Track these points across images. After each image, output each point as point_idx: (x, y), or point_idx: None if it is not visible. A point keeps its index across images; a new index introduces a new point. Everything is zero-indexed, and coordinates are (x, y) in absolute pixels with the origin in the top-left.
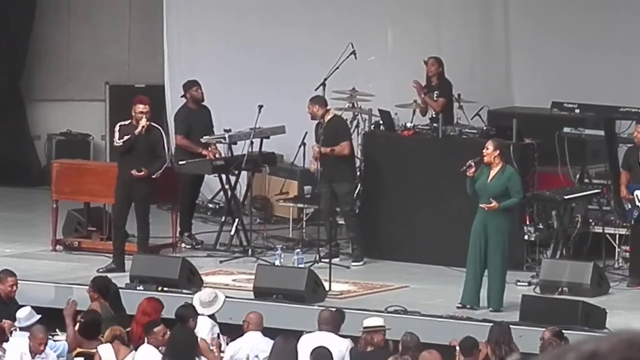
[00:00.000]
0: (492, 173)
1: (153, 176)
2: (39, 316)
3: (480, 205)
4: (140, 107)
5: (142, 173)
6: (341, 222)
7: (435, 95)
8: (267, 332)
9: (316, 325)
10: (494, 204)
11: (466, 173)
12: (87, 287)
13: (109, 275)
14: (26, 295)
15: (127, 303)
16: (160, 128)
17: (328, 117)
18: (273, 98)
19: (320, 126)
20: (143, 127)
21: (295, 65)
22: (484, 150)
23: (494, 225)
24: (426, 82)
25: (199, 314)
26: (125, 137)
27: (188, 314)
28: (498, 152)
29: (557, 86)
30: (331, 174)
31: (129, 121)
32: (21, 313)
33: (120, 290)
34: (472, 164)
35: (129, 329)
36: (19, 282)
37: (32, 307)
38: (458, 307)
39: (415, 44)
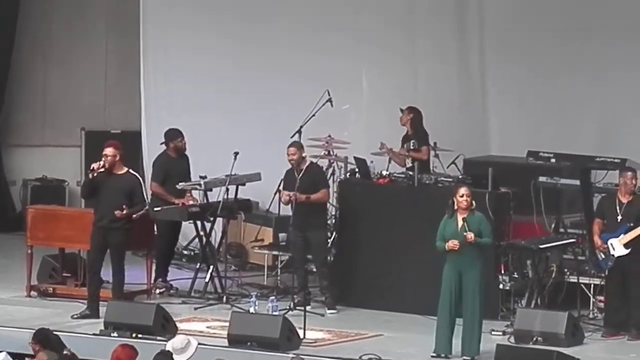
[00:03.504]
0: (462, 219)
1: (134, 216)
2: None
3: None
4: (105, 151)
5: (125, 212)
6: (313, 269)
7: (412, 144)
8: None
9: None
10: (473, 237)
11: (455, 249)
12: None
13: (83, 321)
14: (1, 341)
15: (101, 350)
16: (137, 175)
17: (304, 164)
18: (249, 143)
19: (295, 173)
20: (92, 169)
21: (270, 109)
22: (464, 198)
23: (470, 274)
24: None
25: None
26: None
27: None
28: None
29: (533, 135)
30: (305, 222)
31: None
32: None
33: (94, 336)
34: (456, 242)
35: None
36: None
37: (8, 353)
38: (432, 357)
39: (391, 92)
